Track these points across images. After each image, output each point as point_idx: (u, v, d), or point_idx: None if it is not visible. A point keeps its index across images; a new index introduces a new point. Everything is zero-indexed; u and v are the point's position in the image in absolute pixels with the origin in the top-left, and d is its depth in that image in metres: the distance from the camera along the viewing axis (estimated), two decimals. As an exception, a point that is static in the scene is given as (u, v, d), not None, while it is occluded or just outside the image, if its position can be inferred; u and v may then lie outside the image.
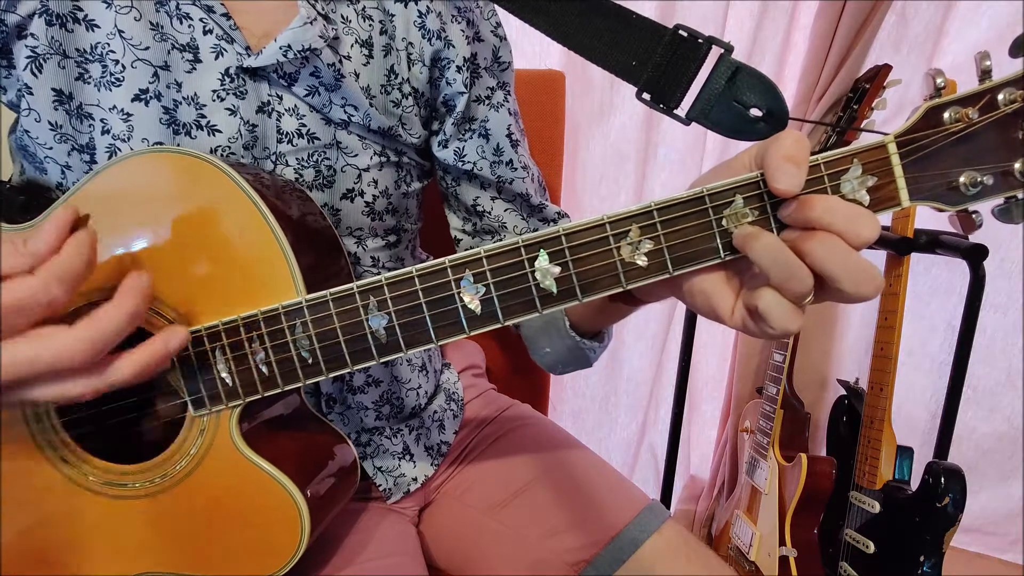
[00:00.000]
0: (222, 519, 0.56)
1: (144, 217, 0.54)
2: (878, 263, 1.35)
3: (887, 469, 1.19)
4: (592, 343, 0.68)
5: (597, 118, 1.51)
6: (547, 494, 0.79)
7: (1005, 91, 0.41)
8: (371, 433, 0.77)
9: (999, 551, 1.67)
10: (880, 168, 0.42)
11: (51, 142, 0.60)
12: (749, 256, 0.42)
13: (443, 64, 0.70)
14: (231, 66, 0.61)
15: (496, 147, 0.76)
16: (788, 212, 0.42)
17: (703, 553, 0.75)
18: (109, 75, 0.58)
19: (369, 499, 0.79)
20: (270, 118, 0.63)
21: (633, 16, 0.53)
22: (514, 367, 1.19)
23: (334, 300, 0.50)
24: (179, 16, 0.60)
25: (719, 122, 0.52)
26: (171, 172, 0.54)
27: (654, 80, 0.53)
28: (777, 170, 0.40)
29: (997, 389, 1.56)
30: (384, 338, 0.49)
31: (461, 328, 0.48)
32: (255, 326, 0.52)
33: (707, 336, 1.69)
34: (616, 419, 1.78)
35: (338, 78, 0.63)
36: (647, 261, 0.45)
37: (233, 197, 0.53)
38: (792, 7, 1.42)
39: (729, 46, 0.50)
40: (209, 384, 0.53)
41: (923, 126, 0.42)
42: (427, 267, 0.47)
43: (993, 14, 1.34)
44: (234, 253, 0.53)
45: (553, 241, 0.45)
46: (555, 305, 0.46)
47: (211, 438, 0.55)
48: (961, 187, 0.42)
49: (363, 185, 0.68)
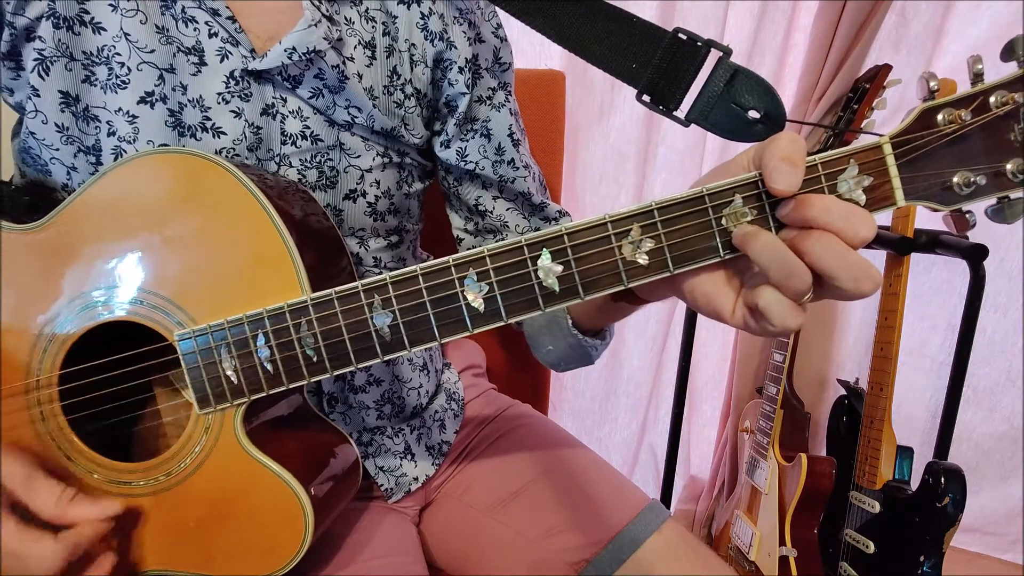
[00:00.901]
0: (226, 517, 0.56)
1: (151, 217, 0.54)
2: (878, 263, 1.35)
3: (887, 469, 1.19)
4: (594, 341, 0.69)
5: (597, 118, 1.52)
6: (547, 494, 0.80)
7: (997, 94, 0.42)
8: (372, 432, 0.77)
9: (999, 551, 1.67)
10: (876, 168, 0.43)
11: (58, 143, 0.60)
12: (748, 255, 0.43)
13: (445, 65, 0.71)
14: (236, 69, 0.61)
15: (498, 147, 0.76)
16: (786, 211, 0.43)
17: (703, 553, 0.75)
18: (115, 77, 0.59)
19: (370, 498, 0.79)
20: (274, 120, 0.63)
21: (633, 19, 0.54)
22: (514, 367, 1.19)
23: (339, 299, 0.50)
24: (185, 19, 0.60)
25: (718, 124, 0.52)
26: (177, 173, 0.54)
27: (654, 82, 0.54)
28: (775, 170, 0.41)
29: (997, 389, 1.56)
30: (388, 336, 0.50)
31: (465, 326, 0.48)
32: (260, 324, 0.52)
33: (707, 336, 1.69)
34: (616, 419, 1.78)
35: (342, 80, 0.64)
36: (648, 260, 0.45)
37: (239, 197, 0.53)
38: (792, 7, 1.42)
39: (728, 49, 0.51)
40: (214, 382, 0.54)
41: (917, 127, 0.43)
42: (431, 266, 0.48)
43: (993, 14, 1.34)
44: (240, 252, 0.54)
45: (555, 240, 0.46)
46: (557, 303, 0.47)
47: (216, 436, 0.55)
48: (955, 187, 0.43)
49: (365, 186, 0.69)
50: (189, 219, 0.54)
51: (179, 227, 0.54)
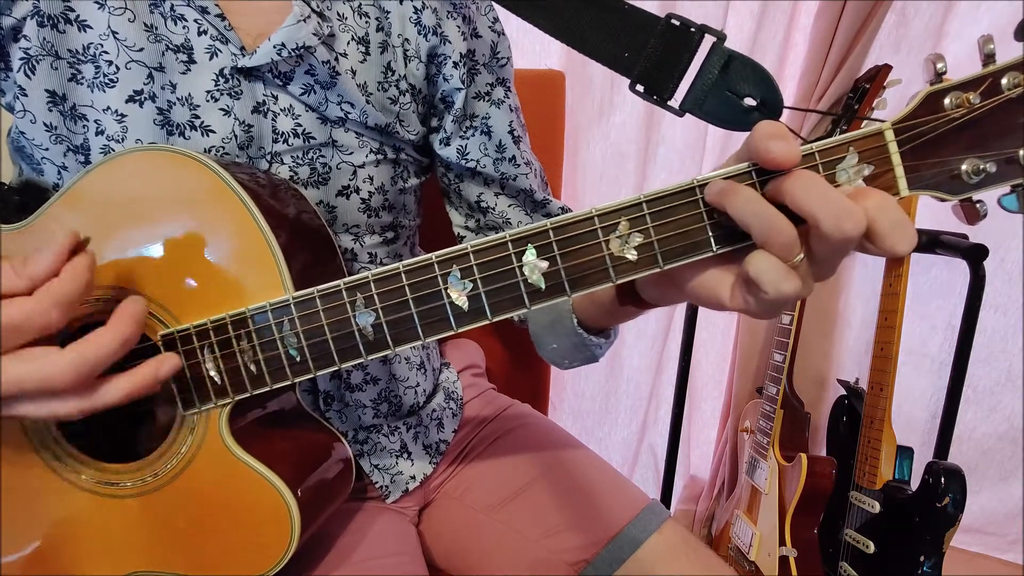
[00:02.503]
0: (212, 518, 0.56)
1: (135, 215, 0.54)
2: (878, 263, 1.35)
3: (887, 469, 1.19)
4: (599, 339, 0.68)
5: (597, 118, 1.51)
6: (547, 494, 0.79)
7: (1009, 75, 0.39)
8: (369, 431, 0.77)
9: (999, 551, 1.67)
10: (877, 156, 0.41)
11: (47, 143, 0.60)
12: (728, 211, 0.41)
13: (439, 60, 0.70)
14: (226, 67, 0.61)
15: (499, 144, 0.76)
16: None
17: (703, 553, 0.75)
18: (103, 76, 0.58)
19: (368, 498, 0.78)
20: (266, 118, 0.63)
21: (625, 6, 0.52)
22: (514, 366, 1.19)
23: (321, 297, 0.49)
24: (173, 17, 0.60)
25: (713, 113, 0.51)
26: (162, 170, 0.54)
27: (647, 71, 0.52)
28: (767, 146, 0.39)
29: (997, 389, 1.56)
30: (372, 335, 0.49)
31: (449, 325, 0.48)
32: (243, 324, 0.51)
33: (707, 336, 1.69)
34: (616, 419, 1.78)
35: (333, 75, 0.63)
36: (637, 255, 0.44)
37: (222, 195, 0.53)
38: (792, 7, 1.41)
39: (722, 34, 0.50)
40: (198, 383, 0.53)
41: (922, 112, 0.40)
42: (414, 263, 0.47)
43: (993, 14, 1.34)
44: (223, 251, 0.53)
45: (540, 235, 0.45)
46: (543, 301, 0.46)
47: (201, 437, 0.55)
48: (963, 175, 0.40)
49: (358, 182, 0.68)
50: (173, 218, 0.54)
51: (163, 226, 0.54)
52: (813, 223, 0.38)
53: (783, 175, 0.40)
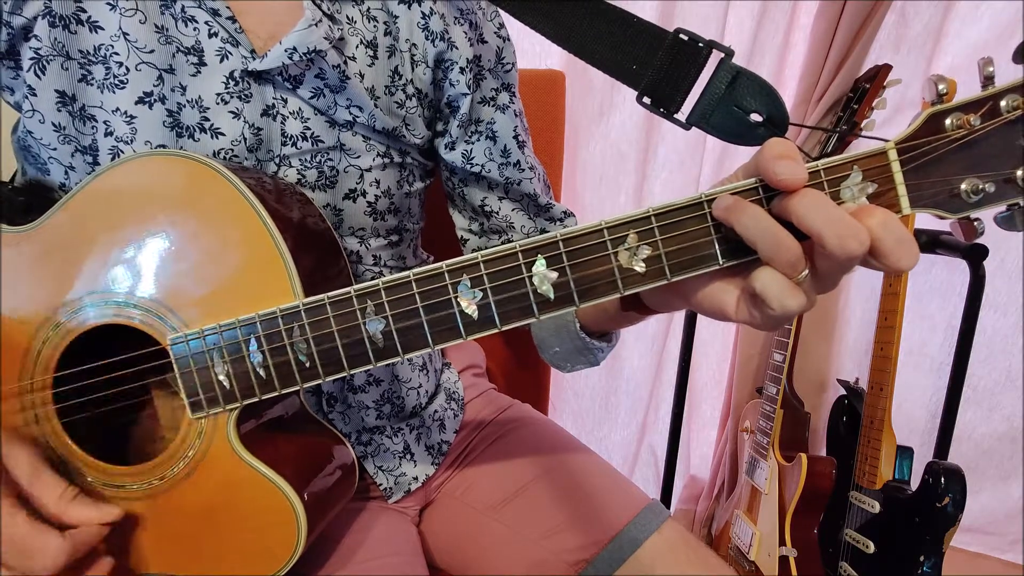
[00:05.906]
0: (219, 521, 0.56)
1: (144, 219, 0.54)
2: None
3: (887, 469, 1.19)
4: (601, 343, 0.69)
5: (597, 118, 1.51)
6: (547, 494, 0.80)
7: (1008, 98, 0.40)
8: (372, 432, 0.77)
9: (999, 551, 1.67)
10: (880, 175, 0.41)
11: (55, 143, 0.60)
12: (735, 228, 0.41)
13: (446, 65, 0.70)
14: (236, 69, 0.61)
15: (503, 149, 0.76)
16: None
17: (703, 553, 0.75)
18: (113, 77, 0.58)
19: (370, 499, 0.79)
20: (275, 121, 0.63)
21: (634, 20, 0.53)
22: (515, 367, 1.19)
23: (332, 304, 0.50)
24: (184, 19, 0.59)
25: (719, 127, 0.51)
26: (171, 175, 0.54)
27: (655, 84, 0.53)
28: (775, 167, 0.40)
29: (997, 389, 1.56)
30: (381, 342, 0.49)
31: (458, 333, 0.48)
32: (253, 329, 0.52)
33: (707, 336, 1.69)
34: (616, 419, 1.78)
35: (343, 79, 0.63)
36: (645, 267, 0.44)
37: (232, 200, 0.53)
38: (792, 7, 1.41)
39: (730, 51, 0.50)
40: (207, 387, 0.53)
41: (924, 132, 0.41)
42: (424, 272, 0.47)
43: (993, 14, 1.34)
44: (233, 256, 0.53)
45: (551, 247, 0.45)
46: (552, 311, 0.46)
47: (209, 441, 0.55)
48: (963, 194, 0.41)
49: (365, 185, 0.68)
50: (183, 222, 0.54)
51: (173, 230, 0.54)
52: (818, 241, 0.39)
53: (789, 193, 0.40)
